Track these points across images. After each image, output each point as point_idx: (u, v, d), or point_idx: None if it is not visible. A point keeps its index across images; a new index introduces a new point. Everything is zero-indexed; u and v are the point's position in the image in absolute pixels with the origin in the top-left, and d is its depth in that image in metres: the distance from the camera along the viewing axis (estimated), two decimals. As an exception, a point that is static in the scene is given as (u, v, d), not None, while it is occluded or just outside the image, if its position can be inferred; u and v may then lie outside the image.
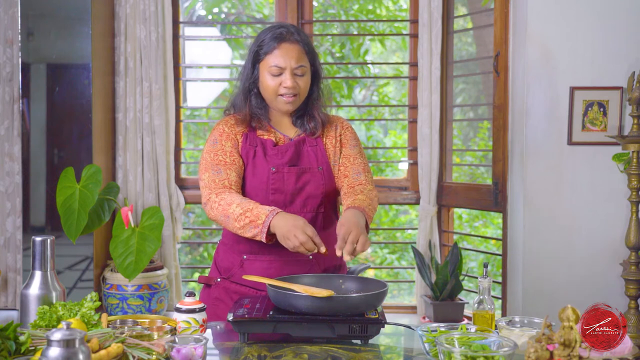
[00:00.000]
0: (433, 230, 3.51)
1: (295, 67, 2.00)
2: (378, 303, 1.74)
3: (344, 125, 2.16)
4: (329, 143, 2.11)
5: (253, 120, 2.06)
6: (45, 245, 1.61)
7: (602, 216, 2.98)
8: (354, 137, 2.15)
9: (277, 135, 2.08)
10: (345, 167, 2.10)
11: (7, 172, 3.29)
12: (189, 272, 5.64)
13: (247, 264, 2.04)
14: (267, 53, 2.01)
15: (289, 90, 2.00)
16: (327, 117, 2.13)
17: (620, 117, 2.96)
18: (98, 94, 3.31)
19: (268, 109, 2.09)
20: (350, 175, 2.09)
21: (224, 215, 1.92)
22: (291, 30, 2.03)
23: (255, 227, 1.87)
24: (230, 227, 1.92)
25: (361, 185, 2.08)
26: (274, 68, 1.99)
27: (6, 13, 3.25)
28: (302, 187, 2.02)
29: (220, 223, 1.97)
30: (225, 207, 1.92)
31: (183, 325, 1.64)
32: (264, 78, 2.02)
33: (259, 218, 1.87)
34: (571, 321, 1.26)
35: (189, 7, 5.77)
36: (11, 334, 1.37)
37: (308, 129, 2.08)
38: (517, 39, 3.10)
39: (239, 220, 1.88)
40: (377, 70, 6.59)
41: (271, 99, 2.04)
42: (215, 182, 1.98)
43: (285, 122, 2.11)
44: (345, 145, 2.13)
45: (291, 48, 2.00)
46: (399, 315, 3.56)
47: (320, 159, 2.06)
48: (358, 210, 1.93)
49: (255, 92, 2.07)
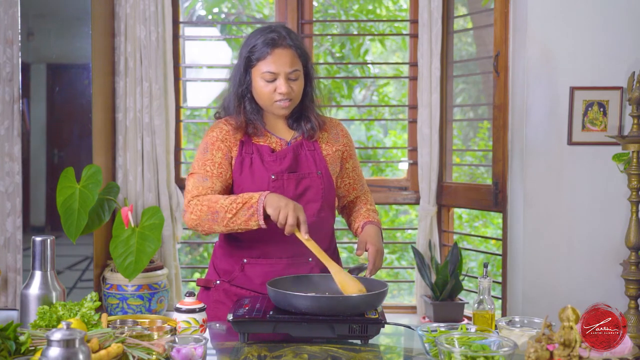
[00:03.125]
0: (433, 230, 3.51)
1: (289, 72, 1.98)
2: (378, 303, 1.74)
3: (345, 134, 2.17)
4: (327, 147, 2.10)
5: (249, 126, 2.04)
6: (45, 245, 1.61)
7: (602, 216, 2.98)
8: (353, 145, 2.21)
9: (274, 140, 2.05)
10: (353, 180, 2.20)
11: (7, 172, 3.29)
12: (189, 272, 5.64)
13: (248, 267, 2.03)
14: (260, 59, 1.98)
15: (283, 96, 1.98)
16: (323, 119, 2.13)
17: (620, 117, 2.96)
18: (98, 94, 3.31)
19: (263, 112, 2.07)
20: (357, 188, 2.22)
21: (211, 212, 1.89)
22: (283, 35, 1.99)
23: (250, 207, 1.85)
24: (220, 222, 1.88)
25: (365, 193, 2.24)
26: (268, 74, 1.97)
27: (6, 13, 3.25)
28: (302, 193, 2.01)
29: (203, 226, 1.92)
30: (211, 204, 1.90)
31: (183, 325, 1.64)
32: (258, 84, 2.00)
33: (252, 198, 1.86)
34: (571, 321, 1.26)
35: (189, 7, 5.77)
36: (11, 334, 1.37)
37: (305, 131, 2.06)
38: (517, 39, 3.10)
39: (230, 210, 1.86)
40: (377, 70, 6.59)
41: (266, 105, 2.02)
42: (198, 189, 1.96)
43: (281, 125, 2.09)
44: (351, 157, 2.18)
45: (284, 53, 1.97)
46: (399, 315, 3.56)
47: (318, 163, 2.05)
48: (378, 228, 2.10)
49: (249, 98, 2.04)
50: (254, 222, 1.86)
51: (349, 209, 2.23)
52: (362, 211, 2.17)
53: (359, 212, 2.17)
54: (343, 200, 2.24)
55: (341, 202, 2.25)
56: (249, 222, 1.86)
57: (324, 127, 2.11)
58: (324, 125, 2.11)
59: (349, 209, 2.23)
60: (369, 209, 2.18)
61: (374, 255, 1.98)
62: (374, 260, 1.97)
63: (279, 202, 1.83)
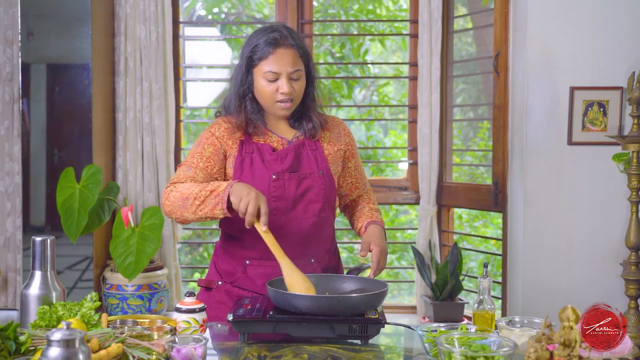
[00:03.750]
0: (433, 230, 3.51)
1: (292, 72, 1.97)
2: (378, 303, 1.74)
3: (347, 133, 2.16)
4: (329, 147, 2.09)
5: (249, 125, 2.03)
6: (45, 245, 1.61)
7: (602, 216, 2.98)
8: (355, 144, 2.21)
9: (275, 139, 2.05)
10: (355, 179, 2.20)
11: (7, 172, 3.29)
12: (189, 272, 5.64)
13: (250, 269, 2.02)
14: (262, 59, 1.97)
15: (285, 96, 1.98)
16: (324, 118, 2.12)
17: (620, 117, 2.96)
18: (98, 94, 3.31)
19: (264, 112, 2.06)
20: (359, 187, 2.22)
21: (182, 198, 1.87)
22: (285, 34, 1.99)
23: (217, 196, 1.83)
24: (189, 209, 1.86)
25: (367, 192, 2.25)
26: (270, 74, 1.96)
27: (6, 13, 3.25)
28: (304, 193, 2.00)
29: (175, 213, 1.90)
30: (184, 191, 1.89)
31: (183, 325, 1.64)
32: (259, 84, 1.99)
33: (220, 186, 1.85)
34: (571, 321, 1.26)
35: (189, 7, 5.77)
36: (11, 334, 1.37)
37: (307, 130, 2.06)
38: (517, 39, 3.10)
39: (198, 197, 1.85)
40: (377, 70, 6.59)
41: (268, 105, 2.02)
42: (179, 177, 1.96)
43: (282, 124, 2.08)
44: (353, 155, 2.18)
45: (286, 53, 1.97)
46: (399, 315, 3.56)
47: (320, 163, 2.04)
48: (381, 228, 2.10)
49: (250, 97, 2.04)
50: (218, 210, 1.84)
51: (352, 208, 2.23)
52: (364, 210, 2.17)
53: (362, 212, 2.17)
54: (345, 199, 2.23)
55: (343, 201, 2.24)
56: (214, 210, 1.84)
57: (326, 127, 2.11)
58: (326, 125, 2.11)
59: (352, 208, 2.23)
60: (372, 208, 2.18)
61: (377, 256, 1.98)
62: (377, 261, 1.97)
63: (241, 191, 1.80)
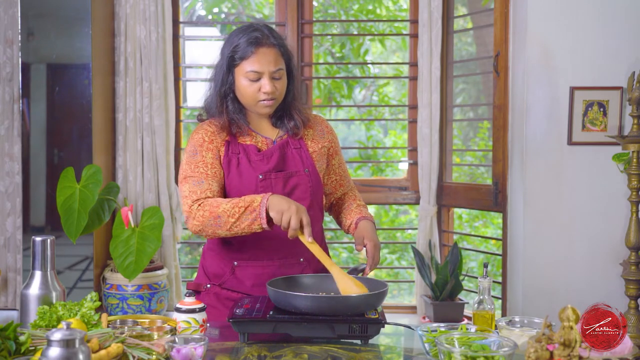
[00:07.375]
0: (433, 230, 3.51)
1: (274, 71, 1.97)
2: (378, 303, 1.74)
3: (330, 130, 2.16)
4: (313, 144, 2.09)
5: (232, 126, 2.02)
6: (45, 245, 1.61)
7: (602, 216, 2.98)
8: (338, 141, 2.21)
9: (259, 139, 2.04)
10: (339, 176, 2.20)
11: (7, 172, 3.29)
12: (189, 272, 5.64)
13: (239, 270, 2.01)
14: (243, 58, 1.96)
15: (268, 96, 1.97)
16: (307, 116, 2.11)
17: (620, 117, 2.96)
18: (98, 94, 3.31)
19: (246, 112, 2.05)
20: (344, 184, 2.22)
21: (213, 217, 1.86)
22: (266, 33, 1.98)
23: (253, 212, 1.83)
24: (223, 227, 1.86)
25: (352, 189, 2.24)
26: (252, 73, 1.96)
27: (6, 13, 3.25)
28: (291, 191, 2.00)
29: (206, 231, 1.89)
30: (212, 209, 1.87)
31: (183, 325, 1.64)
32: (241, 83, 1.98)
33: (254, 201, 1.84)
34: (571, 321, 1.26)
35: (189, 7, 5.77)
36: (11, 334, 1.37)
37: (289, 129, 2.05)
38: (517, 39, 3.10)
39: (232, 215, 1.84)
40: (377, 70, 6.59)
41: (250, 104, 2.01)
42: (196, 193, 1.93)
43: (265, 124, 2.08)
44: (337, 152, 2.18)
45: (268, 52, 1.96)
46: (399, 315, 3.56)
47: (305, 161, 2.04)
48: (372, 223, 2.09)
49: (232, 97, 2.02)
50: (257, 225, 1.84)
51: (338, 207, 2.21)
52: (352, 207, 2.15)
53: (350, 209, 2.15)
54: (330, 197, 2.22)
55: (328, 200, 2.22)
56: (252, 226, 1.85)
57: (309, 124, 2.11)
58: (309, 122, 2.11)
59: (338, 207, 2.21)
60: (359, 205, 2.17)
61: (372, 251, 1.98)
62: (372, 256, 1.97)
63: (281, 205, 1.81)
